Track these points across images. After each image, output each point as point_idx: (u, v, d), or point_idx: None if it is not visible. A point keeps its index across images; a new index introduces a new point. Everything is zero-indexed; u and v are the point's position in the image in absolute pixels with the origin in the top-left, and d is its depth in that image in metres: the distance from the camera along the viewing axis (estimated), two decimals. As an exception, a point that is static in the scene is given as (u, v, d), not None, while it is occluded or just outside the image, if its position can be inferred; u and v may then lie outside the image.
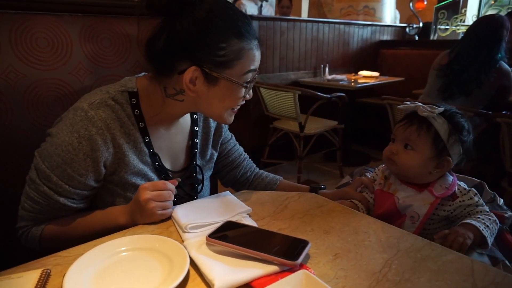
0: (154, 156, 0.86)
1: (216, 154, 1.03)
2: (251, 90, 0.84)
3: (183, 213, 0.78)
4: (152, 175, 0.86)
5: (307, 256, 0.66)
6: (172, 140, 0.91)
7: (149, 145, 0.85)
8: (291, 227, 0.77)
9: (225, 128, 1.05)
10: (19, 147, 1.01)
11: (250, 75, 0.80)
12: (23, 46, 0.99)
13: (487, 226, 0.83)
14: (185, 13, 0.73)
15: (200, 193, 0.96)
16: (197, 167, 0.96)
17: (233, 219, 0.77)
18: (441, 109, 0.91)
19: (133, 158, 0.82)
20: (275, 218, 0.81)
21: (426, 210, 0.90)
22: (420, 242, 0.72)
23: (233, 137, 1.10)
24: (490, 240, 0.81)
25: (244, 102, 0.85)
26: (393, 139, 0.97)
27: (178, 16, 0.74)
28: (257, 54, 0.80)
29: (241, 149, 1.12)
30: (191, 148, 0.95)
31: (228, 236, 0.67)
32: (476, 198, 0.90)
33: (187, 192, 0.93)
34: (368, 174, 1.16)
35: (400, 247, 0.69)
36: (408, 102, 0.96)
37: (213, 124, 1.01)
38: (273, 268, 0.60)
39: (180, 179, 0.85)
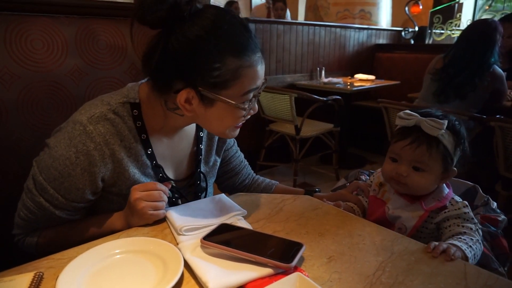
0: (157, 168, 0.84)
1: (219, 161, 1.01)
2: (256, 105, 0.79)
3: (178, 215, 0.78)
4: None
5: (302, 259, 0.66)
6: (176, 147, 0.89)
7: (151, 157, 0.83)
8: (286, 229, 0.77)
9: None
10: (13, 149, 1.00)
11: (251, 95, 0.75)
12: (18, 48, 0.98)
13: (470, 246, 0.77)
14: (177, 29, 0.69)
15: None
16: (201, 174, 0.94)
17: (228, 222, 0.77)
18: (445, 121, 0.83)
19: (134, 172, 0.80)
20: (270, 220, 0.81)
21: (414, 223, 0.87)
22: (414, 245, 0.72)
23: (236, 143, 1.08)
24: (472, 261, 0.76)
25: (249, 117, 0.80)
26: (394, 158, 0.89)
27: (171, 32, 0.70)
28: (259, 69, 0.74)
29: (242, 155, 1.10)
30: (195, 154, 0.93)
31: (222, 238, 0.67)
32: (464, 210, 0.85)
33: (190, 201, 0.90)
34: (363, 177, 1.17)
35: (394, 250, 0.70)
36: (406, 111, 0.89)
37: None
38: (267, 271, 0.60)
39: (173, 183, 0.84)
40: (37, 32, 1.00)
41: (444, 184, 0.91)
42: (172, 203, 0.87)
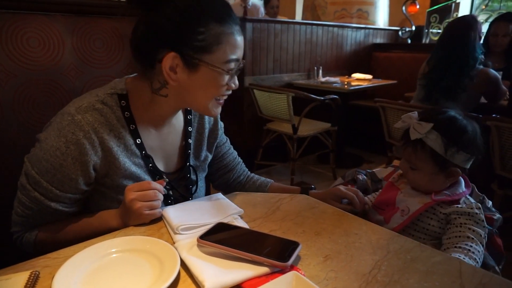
0: (147, 158, 0.85)
1: (210, 157, 1.02)
2: (236, 79, 0.81)
3: (175, 214, 0.78)
4: (146, 177, 0.85)
5: (298, 258, 0.66)
6: (165, 140, 0.90)
7: (141, 147, 0.84)
8: (282, 228, 0.77)
9: (221, 131, 1.05)
10: (9, 147, 1.00)
11: (232, 65, 0.77)
12: (14, 46, 0.98)
13: (477, 262, 0.81)
14: (164, 2, 0.73)
15: (194, 194, 0.96)
16: (191, 168, 0.95)
17: (225, 221, 0.77)
18: (431, 124, 0.88)
19: (124, 161, 0.81)
20: (266, 219, 0.81)
21: (418, 207, 0.91)
22: (410, 243, 0.72)
23: (228, 140, 1.10)
24: None
25: (230, 92, 0.83)
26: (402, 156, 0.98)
27: (157, 6, 0.73)
28: (239, 40, 0.77)
29: (235, 153, 1.11)
30: (184, 148, 0.95)
31: (219, 237, 0.67)
32: (476, 210, 0.88)
33: (182, 194, 0.93)
34: (360, 177, 1.17)
35: (390, 249, 0.70)
36: (407, 115, 0.94)
37: (207, 125, 1.00)
38: (263, 270, 0.60)
39: (167, 179, 0.84)
40: (33, 30, 1.00)
41: (463, 185, 0.94)
42: (164, 195, 0.87)
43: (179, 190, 0.92)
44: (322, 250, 0.69)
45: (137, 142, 0.83)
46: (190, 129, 0.95)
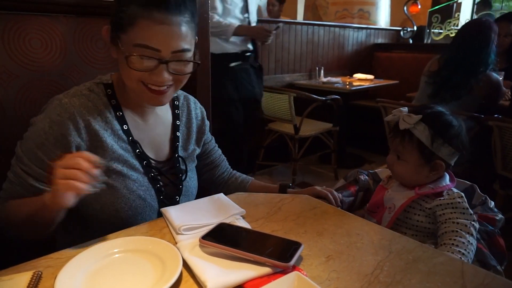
0: (134, 144, 0.87)
1: (198, 150, 1.05)
2: (160, 75, 0.77)
3: (177, 214, 0.78)
4: (133, 161, 0.86)
5: (300, 258, 0.66)
6: (152, 131, 0.93)
7: (127, 133, 0.87)
8: (284, 229, 0.77)
9: (207, 128, 1.08)
10: (11, 148, 1.00)
11: (141, 50, 0.74)
12: (16, 47, 0.98)
13: (463, 254, 0.82)
14: None
15: (184, 182, 0.97)
16: (180, 158, 0.98)
17: (227, 221, 0.77)
18: (420, 116, 0.92)
19: (111, 144, 0.83)
20: (268, 220, 0.81)
21: (402, 202, 0.95)
22: (412, 244, 0.72)
23: (214, 139, 1.14)
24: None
25: (155, 85, 0.78)
26: (390, 148, 1.01)
27: None
28: (157, 29, 0.73)
29: (220, 150, 1.16)
30: (173, 141, 0.98)
31: (221, 238, 0.68)
32: (458, 200, 0.91)
33: (172, 180, 0.94)
34: (362, 177, 1.17)
35: (392, 249, 0.70)
36: (398, 109, 0.99)
37: (195, 121, 1.03)
38: (265, 270, 0.60)
39: (101, 162, 0.71)
40: (35, 31, 1.00)
41: (448, 179, 0.97)
42: (152, 178, 0.89)
43: (169, 177, 0.94)
44: (324, 250, 0.69)
45: (124, 128, 0.86)
46: (178, 122, 0.99)
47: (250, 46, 2.43)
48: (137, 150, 0.88)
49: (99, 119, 0.82)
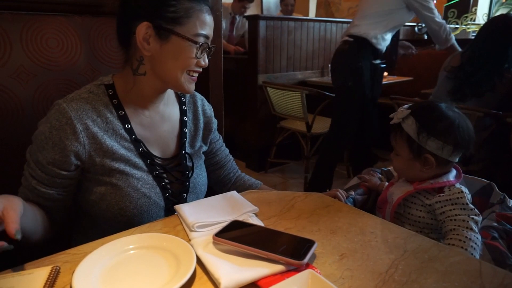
0: (137, 142, 0.88)
1: (204, 148, 1.05)
2: (206, 58, 0.86)
3: (190, 212, 0.79)
4: (137, 159, 0.87)
5: (313, 256, 0.66)
6: (158, 128, 0.93)
7: (130, 131, 0.87)
8: (297, 226, 0.77)
9: (215, 127, 1.08)
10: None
11: (201, 39, 0.82)
12: (34, 47, 1.00)
13: (458, 246, 0.83)
14: None
15: (191, 179, 0.97)
16: (187, 155, 0.98)
17: (240, 219, 0.77)
18: (409, 110, 0.94)
19: (112, 144, 0.83)
20: (281, 217, 0.81)
21: (399, 195, 0.97)
22: (428, 242, 0.71)
23: (221, 138, 1.14)
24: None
25: (200, 69, 0.87)
26: None
27: None
28: (208, 19, 0.83)
29: (227, 150, 1.15)
30: (180, 137, 0.98)
31: (234, 235, 0.68)
32: (458, 195, 0.90)
33: (178, 178, 0.94)
34: (375, 175, 1.16)
35: (407, 248, 0.69)
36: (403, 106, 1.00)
37: (202, 117, 1.03)
38: (279, 268, 0.60)
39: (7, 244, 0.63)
40: (52, 31, 1.02)
41: (452, 175, 0.96)
42: (157, 176, 0.89)
43: (174, 175, 0.94)
44: (338, 248, 0.69)
45: (127, 127, 0.87)
46: (185, 119, 1.00)
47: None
48: (140, 149, 0.88)
49: (99, 121, 0.82)
